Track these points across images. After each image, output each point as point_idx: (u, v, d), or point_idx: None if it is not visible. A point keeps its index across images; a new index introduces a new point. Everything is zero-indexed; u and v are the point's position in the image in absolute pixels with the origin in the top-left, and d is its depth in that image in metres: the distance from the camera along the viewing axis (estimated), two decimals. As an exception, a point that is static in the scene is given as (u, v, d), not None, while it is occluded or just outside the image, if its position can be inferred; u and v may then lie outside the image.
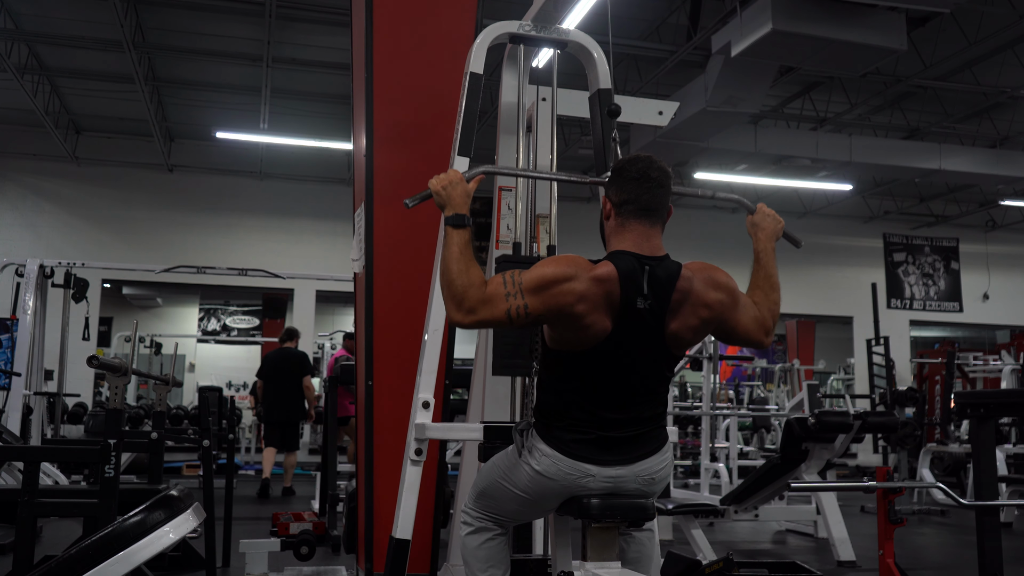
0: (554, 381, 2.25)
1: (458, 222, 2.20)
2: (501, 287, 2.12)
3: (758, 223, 2.54)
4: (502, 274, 2.15)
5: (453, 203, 2.24)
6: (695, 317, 2.21)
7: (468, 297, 2.11)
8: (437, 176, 2.29)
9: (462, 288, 2.12)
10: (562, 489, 2.22)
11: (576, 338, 2.16)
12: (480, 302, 2.11)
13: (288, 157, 13.08)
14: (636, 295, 2.13)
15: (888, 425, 5.99)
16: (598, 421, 2.19)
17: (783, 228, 2.58)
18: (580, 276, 2.11)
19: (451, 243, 2.18)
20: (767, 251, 2.49)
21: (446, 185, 2.26)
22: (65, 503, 3.68)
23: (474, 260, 2.18)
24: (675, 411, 9.15)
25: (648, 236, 2.23)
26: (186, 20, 9.59)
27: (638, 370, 2.20)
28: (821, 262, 15.53)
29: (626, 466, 2.20)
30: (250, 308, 17.31)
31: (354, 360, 4.70)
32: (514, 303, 2.11)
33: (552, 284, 2.10)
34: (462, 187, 2.27)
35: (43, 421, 7.86)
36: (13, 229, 12.75)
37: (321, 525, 4.68)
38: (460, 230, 2.19)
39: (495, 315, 2.12)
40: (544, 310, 2.11)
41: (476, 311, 2.11)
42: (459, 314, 2.13)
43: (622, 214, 2.25)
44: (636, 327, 2.15)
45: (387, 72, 3.50)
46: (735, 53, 8.04)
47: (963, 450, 8.36)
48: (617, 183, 2.27)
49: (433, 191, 2.27)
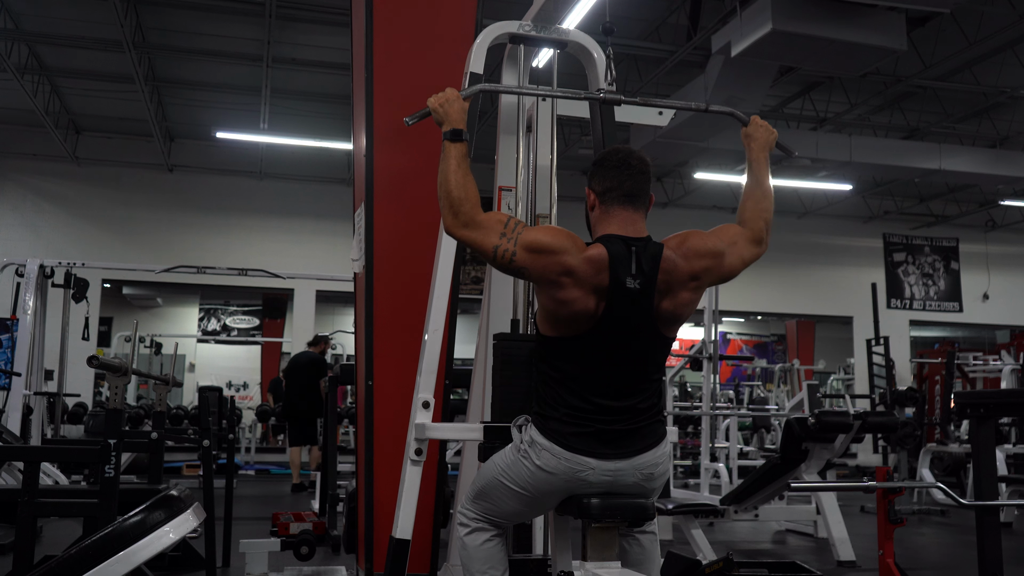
0: (549, 369, 2.27)
1: (455, 136, 2.35)
2: (500, 226, 2.24)
3: (751, 134, 2.62)
4: (507, 216, 2.29)
5: (450, 119, 2.38)
6: (685, 291, 2.27)
7: (463, 210, 2.25)
8: (435, 95, 2.43)
9: (458, 199, 2.26)
10: (562, 484, 2.22)
11: (560, 314, 2.21)
12: (474, 221, 2.25)
13: (288, 157, 13.08)
14: (626, 275, 2.19)
15: (888, 425, 5.99)
16: (594, 409, 2.21)
17: (776, 139, 2.65)
18: (573, 253, 2.19)
19: (449, 156, 2.32)
20: (759, 160, 2.57)
21: (443, 103, 2.41)
22: (65, 503, 3.68)
23: (471, 175, 2.32)
24: (675, 411, 9.15)
25: (632, 220, 2.30)
26: (186, 20, 9.59)
27: (631, 351, 2.23)
28: (821, 262, 15.53)
29: (625, 460, 2.21)
30: (250, 308, 17.32)
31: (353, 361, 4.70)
32: (504, 245, 2.22)
33: (545, 251, 2.20)
34: (459, 104, 2.41)
35: (43, 421, 7.86)
36: (13, 229, 12.74)
37: (321, 525, 4.68)
38: (457, 144, 2.34)
39: (483, 243, 2.24)
40: (528, 266, 2.21)
41: (469, 227, 2.25)
42: (453, 222, 2.26)
43: (606, 201, 2.32)
44: (626, 307, 2.20)
45: (387, 72, 3.50)
46: (735, 53, 8.04)
47: (963, 450, 8.35)
48: (599, 173, 2.34)
49: (431, 108, 2.42)
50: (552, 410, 2.24)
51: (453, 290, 2.87)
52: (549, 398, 2.26)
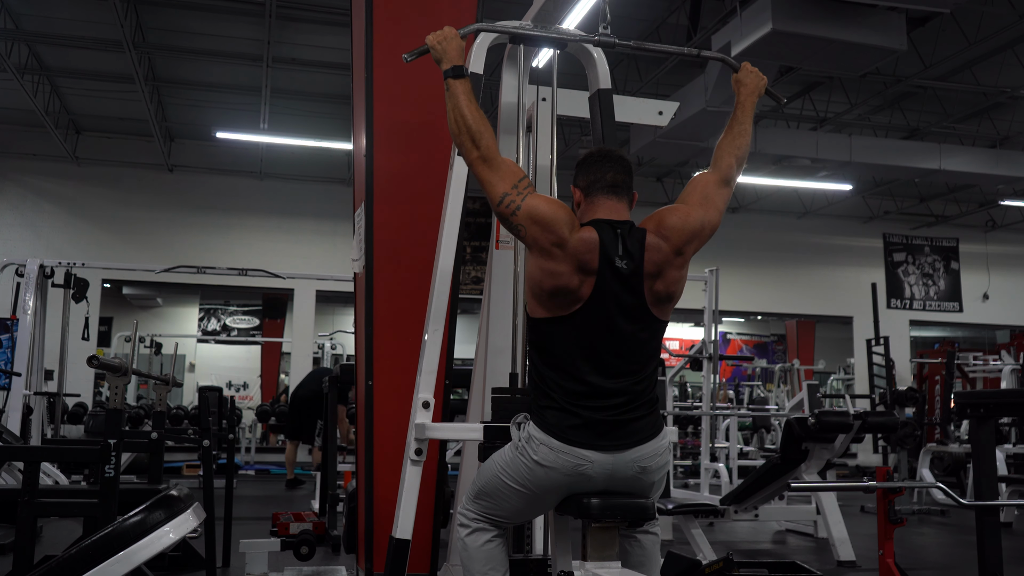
0: (542, 353, 2.29)
1: (457, 72, 2.38)
2: (514, 178, 2.30)
3: (741, 79, 2.71)
4: (522, 171, 2.35)
5: (449, 56, 2.41)
6: (672, 269, 2.30)
7: (483, 142, 2.31)
8: (433, 33, 2.46)
9: (478, 130, 2.31)
10: (560, 478, 2.22)
11: (545, 286, 2.23)
12: (493, 159, 2.31)
13: (288, 157, 13.08)
14: (614, 255, 2.23)
15: (888, 425, 5.98)
16: (588, 391, 2.21)
17: (766, 84, 2.71)
18: (568, 229, 2.24)
19: (456, 92, 2.36)
20: (744, 104, 2.65)
21: (441, 40, 2.44)
22: (65, 503, 3.68)
23: (482, 110, 2.36)
24: (675, 411, 9.14)
25: (617, 209, 2.33)
26: (186, 20, 9.59)
27: (623, 332, 2.25)
28: (821, 262, 15.53)
29: (622, 452, 2.22)
30: (250, 308, 17.32)
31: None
32: (513, 197, 2.27)
33: (543, 222, 2.24)
34: (457, 41, 2.44)
35: (43, 421, 7.86)
36: (13, 229, 12.74)
37: (321, 525, 4.67)
38: (461, 80, 2.37)
39: (495, 186, 2.29)
40: (525, 224, 2.26)
41: (487, 163, 2.30)
42: (476, 153, 2.31)
43: (590, 193, 2.36)
44: (617, 287, 2.23)
45: (387, 72, 3.50)
46: (735, 53, 8.02)
47: (963, 450, 8.35)
48: (583, 170, 2.39)
49: (429, 46, 2.45)
50: (547, 399, 2.25)
51: (453, 290, 2.87)
52: (543, 385, 2.27)
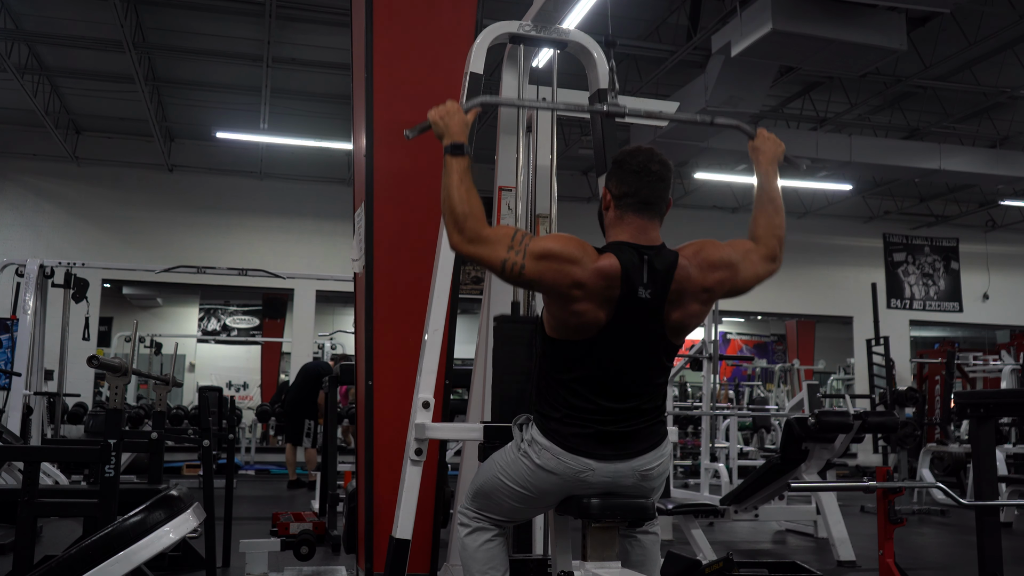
0: (554, 371, 2.26)
1: (457, 151, 2.28)
2: (507, 239, 2.19)
3: (759, 147, 2.57)
4: (513, 227, 2.25)
5: (451, 132, 2.31)
6: (695, 303, 2.24)
7: (468, 226, 2.19)
8: (435, 107, 2.37)
9: (463, 214, 2.19)
10: (561, 483, 2.21)
11: (569, 323, 2.18)
12: (480, 236, 2.19)
13: (288, 157, 13.07)
14: (638, 285, 2.16)
15: (888, 425, 5.98)
16: (599, 411, 2.20)
17: (784, 151, 2.60)
18: (585, 264, 2.15)
19: (451, 171, 2.25)
20: (768, 175, 2.52)
21: (444, 115, 2.34)
22: (65, 503, 3.68)
23: (474, 189, 2.25)
24: (675, 411, 9.14)
25: (646, 229, 2.26)
26: (186, 20, 9.59)
27: (638, 360, 2.22)
28: (821, 262, 15.52)
29: (625, 461, 2.21)
30: (250, 308, 17.32)
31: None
32: (512, 258, 2.16)
33: (555, 259, 2.15)
34: (460, 117, 2.34)
35: (43, 421, 7.86)
36: (13, 229, 12.74)
37: (321, 525, 4.67)
38: (459, 158, 2.27)
39: (491, 258, 2.18)
40: (538, 278, 2.16)
41: (475, 243, 2.19)
42: (459, 238, 2.21)
43: (621, 206, 2.28)
44: (637, 317, 2.18)
45: (387, 72, 3.50)
46: (735, 53, 8.04)
47: (963, 450, 8.35)
48: (618, 175, 2.29)
49: (432, 121, 2.36)
50: (553, 410, 2.23)
51: (453, 290, 2.87)
52: (551, 398, 2.25)
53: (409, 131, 2.43)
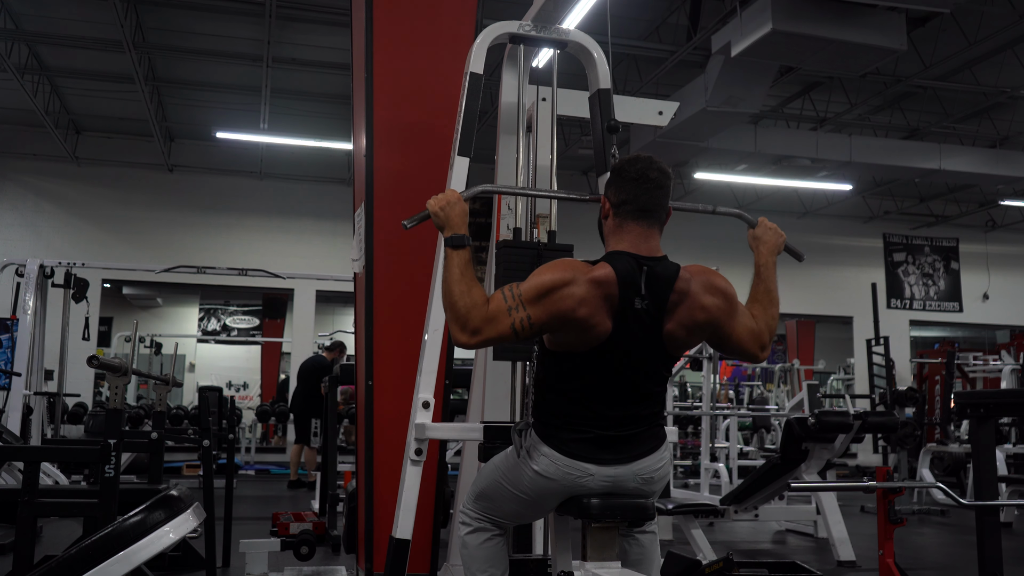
0: (554, 381, 2.24)
1: (458, 243, 2.19)
2: (502, 302, 2.12)
3: (759, 236, 2.52)
4: (501, 290, 2.15)
5: (451, 224, 2.23)
6: (691, 318, 2.21)
7: (472, 319, 2.11)
8: (435, 197, 2.29)
9: (465, 310, 2.11)
10: (561, 489, 2.22)
11: (578, 340, 2.16)
12: (484, 322, 2.11)
13: (288, 157, 13.07)
14: (634, 295, 2.14)
15: (888, 425, 5.98)
16: (597, 418, 2.20)
17: (784, 241, 2.56)
18: (578, 280, 2.12)
19: (451, 265, 2.16)
20: (768, 265, 2.47)
21: (444, 206, 2.26)
22: (65, 503, 3.68)
23: (475, 280, 2.17)
24: (675, 411, 9.14)
25: (646, 237, 2.23)
26: (186, 20, 9.59)
27: (637, 370, 2.21)
28: (821, 262, 15.52)
29: (624, 465, 2.20)
30: (250, 308, 17.32)
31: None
32: (517, 316, 2.10)
33: (551, 291, 2.10)
34: (460, 207, 2.27)
35: (43, 421, 7.86)
36: (13, 229, 12.74)
37: (321, 525, 4.68)
38: (460, 251, 2.18)
39: (500, 332, 2.11)
40: (547, 318, 2.11)
41: (481, 331, 2.11)
42: (464, 335, 2.12)
43: (620, 215, 2.25)
44: (634, 327, 2.16)
45: (387, 72, 3.50)
46: (735, 53, 8.03)
47: (963, 450, 8.35)
48: (616, 184, 2.27)
49: (431, 212, 2.27)
50: (553, 417, 2.23)
51: (453, 290, 2.87)
52: (550, 407, 2.24)
53: (407, 221, 2.35)
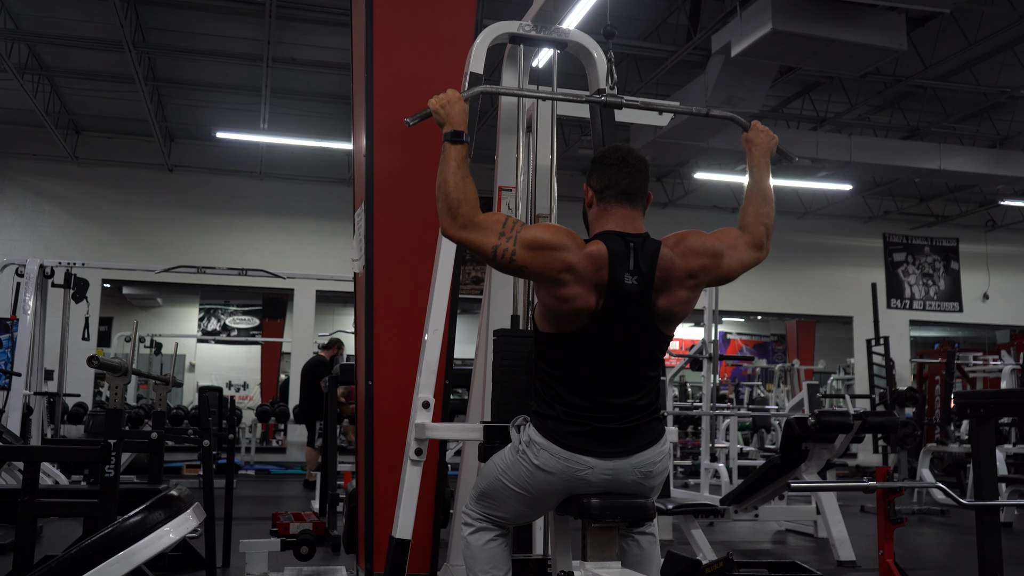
0: (548, 367, 2.28)
1: (456, 138, 2.34)
2: (499, 226, 2.24)
3: (752, 139, 2.62)
4: (504, 215, 2.29)
5: (451, 120, 2.37)
6: (682, 289, 2.27)
7: (461, 212, 2.24)
8: (436, 96, 2.43)
9: (457, 200, 2.25)
10: (561, 483, 2.22)
11: (560, 311, 2.21)
12: (472, 222, 2.24)
13: (288, 157, 13.07)
14: (624, 271, 2.20)
15: (888, 425, 5.98)
16: (592, 407, 2.21)
17: (776, 143, 2.64)
18: (573, 249, 2.20)
19: (449, 158, 2.31)
20: (760, 166, 2.57)
21: (444, 104, 2.41)
22: (65, 503, 3.68)
23: (470, 177, 2.31)
24: (675, 411, 9.14)
25: (631, 218, 2.30)
26: (186, 20, 9.59)
27: (629, 349, 2.24)
28: (821, 262, 15.53)
29: (623, 458, 2.21)
30: (250, 308, 17.31)
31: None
32: (504, 245, 2.22)
33: (546, 248, 2.20)
34: (460, 105, 2.40)
35: (43, 421, 7.86)
36: (13, 229, 12.74)
37: (321, 525, 4.67)
38: (457, 146, 2.33)
39: (482, 244, 2.23)
40: (528, 264, 2.21)
41: (467, 229, 2.24)
42: (451, 224, 2.26)
43: (604, 199, 2.33)
44: (625, 304, 2.21)
45: (387, 72, 3.50)
46: (735, 53, 8.03)
47: (963, 450, 8.35)
48: (597, 171, 2.35)
49: (432, 110, 2.42)
50: (550, 408, 2.24)
51: (453, 290, 2.87)
52: (547, 396, 2.26)
53: (410, 119, 2.49)
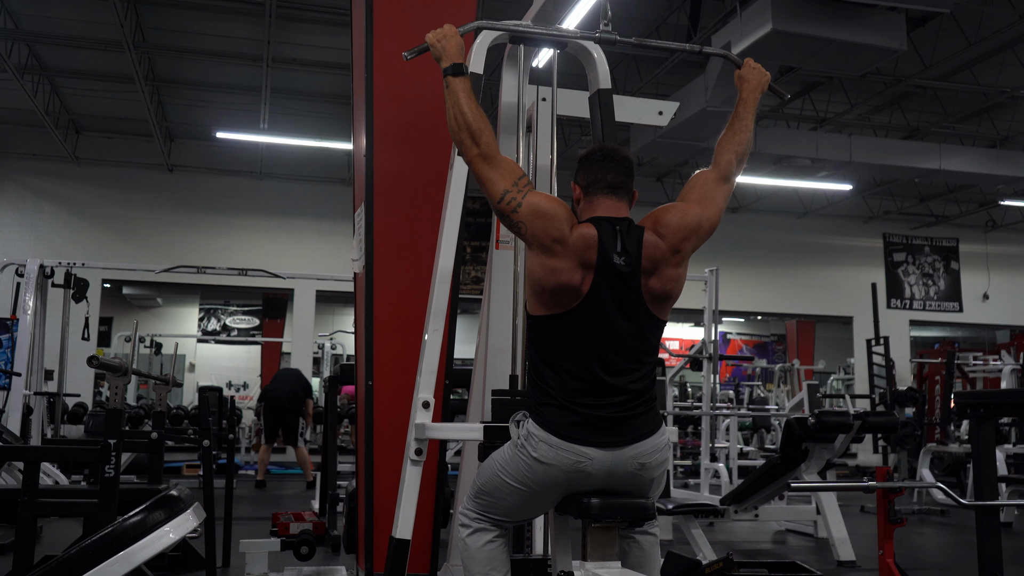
0: (541, 351, 2.29)
1: (456, 70, 2.39)
2: (514, 175, 2.31)
3: (744, 76, 2.67)
4: (515, 174, 2.32)
5: (448, 54, 2.43)
6: (669, 267, 2.30)
7: (483, 140, 2.32)
8: (433, 31, 2.49)
9: (478, 128, 2.32)
10: (560, 475, 2.21)
11: (547, 284, 2.23)
12: (492, 157, 2.32)
13: (288, 157, 13.08)
14: (612, 252, 2.24)
15: (888, 425, 5.98)
16: (587, 388, 2.22)
17: (768, 80, 2.68)
18: (568, 224, 2.26)
19: (456, 90, 2.37)
20: (747, 101, 2.61)
21: (441, 38, 2.47)
22: (65, 503, 3.68)
23: (483, 110, 2.37)
24: (675, 411, 9.14)
25: (617, 208, 2.34)
26: (186, 20, 9.59)
27: (621, 329, 2.25)
28: (821, 262, 15.53)
29: (621, 448, 2.21)
30: (250, 308, 17.31)
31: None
32: (512, 195, 2.28)
33: (545, 216, 2.26)
34: (456, 39, 2.47)
35: (43, 421, 7.86)
36: (13, 229, 12.74)
37: (321, 525, 4.67)
38: (460, 77, 2.39)
39: (495, 183, 2.30)
40: (526, 222, 2.26)
41: (487, 160, 2.31)
42: (476, 151, 2.32)
43: (591, 192, 2.36)
44: (614, 283, 2.24)
45: (387, 72, 3.50)
46: (735, 53, 8.03)
47: (963, 450, 8.35)
48: (584, 168, 2.40)
49: (429, 44, 2.48)
50: (546, 396, 2.25)
51: (453, 290, 2.87)
52: (543, 382, 2.27)
53: (407, 52, 2.54)
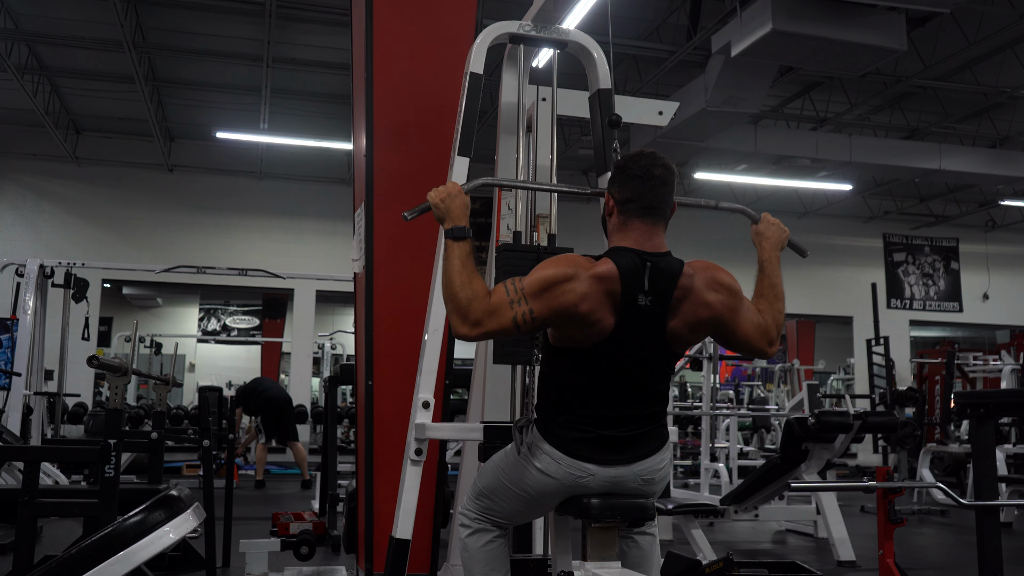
0: (558, 378, 2.24)
1: (458, 235, 2.19)
2: (504, 295, 2.11)
3: (762, 232, 2.50)
4: (503, 283, 2.15)
5: (452, 215, 2.23)
6: (695, 315, 2.21)
7: (473, 310, 2.10)
8: (435, 189, 2.29)
9: (466, 301, 2.10)
10: (562, 488, 2.21)
11: (581, 335, 2.16)
12: (486, 314, 2.10)
13: (288, 157, 13.07)
14: (637, 291, 2.13)
15: (888, 425, 5.98)
16: (601, 418, 2.19)
17: (788, 237, 2.55)
18: (580, 275, 2.12)
19: (452, 256, 2.16)
20: (771, 260, 2.45)
21: (444, 198, 2.26)
22: (65, 503, 3.68)
23: (476, 272, 2.16)
24: (675, 411, 9.14)
25: (650, 235, 2.22)
26: (186, 20, 9.59)
27: (640, 367, 2.20)
28: (821, 262, 15.48)
29: (626, 466, 2.20)
30: (250, 308, 17.31)
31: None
32: (519, 309, 2.10)
33: (553, 285, 2.10)
34: (461, 199, 2.27)
35: (43, 421, 7.86)
36: (13, 229, 12.74)
37: (321, 525, 4.68)
38: (460, 242, 2.18)
39: (502, 324, 2.11)
40: (549, 313, 2.11)
41: (482, 323, 2.10)
42: (465, 327, 2.11)
43: (624, 212, 2.24)
44: (638, 323, 2.16)
45: (387, 72, 3.50)
46: (735, 53, 8.03)
47: (963, 450, 8.35)
48: (620, 180, 2.26)
49: (432, 204, 2.28)
50: (556, 414, 2.22)
51: (453, 290, 2.86)
52: (554, 402, 2.24)
53: (408, 212, 2.36)
